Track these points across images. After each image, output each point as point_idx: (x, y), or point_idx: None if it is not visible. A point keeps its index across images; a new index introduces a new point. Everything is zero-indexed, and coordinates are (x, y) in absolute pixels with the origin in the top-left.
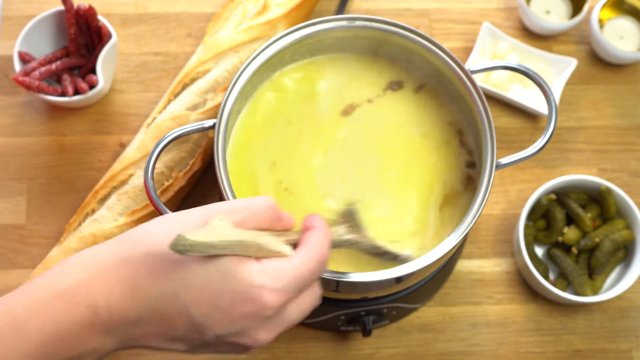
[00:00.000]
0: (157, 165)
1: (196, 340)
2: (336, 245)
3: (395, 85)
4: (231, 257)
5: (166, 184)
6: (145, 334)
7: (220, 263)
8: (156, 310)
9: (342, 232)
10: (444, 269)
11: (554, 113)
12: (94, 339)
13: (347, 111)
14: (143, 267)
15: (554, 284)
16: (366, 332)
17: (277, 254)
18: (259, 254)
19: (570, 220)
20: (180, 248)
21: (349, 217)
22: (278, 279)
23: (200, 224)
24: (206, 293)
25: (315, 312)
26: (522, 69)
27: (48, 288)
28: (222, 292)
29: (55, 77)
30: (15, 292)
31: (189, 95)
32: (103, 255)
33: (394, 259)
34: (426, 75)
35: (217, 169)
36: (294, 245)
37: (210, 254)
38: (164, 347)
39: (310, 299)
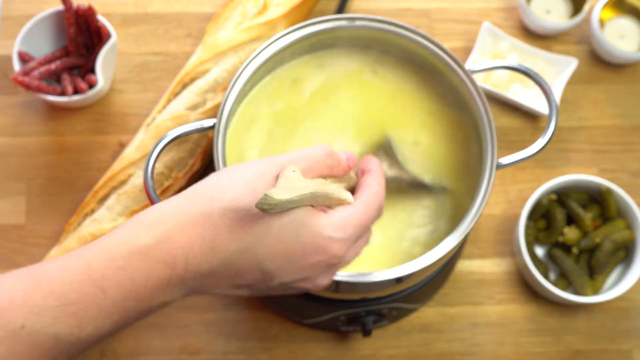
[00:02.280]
0: (156, 166)
1: (261, 286)
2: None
3: (394, 84)
4: (303, 209)
5: (166, 184)
6: (213, 284)
7: (295, 216)
8: (229, 264)
9: (386, 170)
10: (444, 269)
11: (554, 113)
12: (167, 292)
13: (349, 110)
14: (222, 223)
15: (554, 284)
16: (366, 333)
17: (341, 202)
18: (325, 202)
19: (571, 220)
20: (266, 207)
21: (387, 152)
22: (345, 230)
23: (273, 177)
24: (281, 246)
25: (315, 312)
26: (523, 68)
27: (127, 244)
28: (296, 245)
29: (55, 77)
30: (94, 246)
31: (189, 95)
32: (180, 210)
33: (430, 189)
34: (426, 75)
35: (217, 169)
36: (353, 188)
37: (288, 209)
38: (226, 293)
39: (365, 240)
